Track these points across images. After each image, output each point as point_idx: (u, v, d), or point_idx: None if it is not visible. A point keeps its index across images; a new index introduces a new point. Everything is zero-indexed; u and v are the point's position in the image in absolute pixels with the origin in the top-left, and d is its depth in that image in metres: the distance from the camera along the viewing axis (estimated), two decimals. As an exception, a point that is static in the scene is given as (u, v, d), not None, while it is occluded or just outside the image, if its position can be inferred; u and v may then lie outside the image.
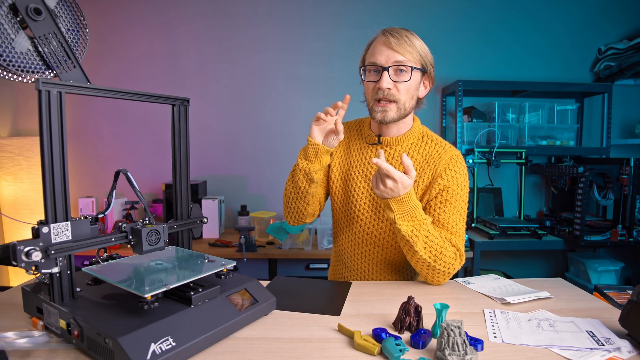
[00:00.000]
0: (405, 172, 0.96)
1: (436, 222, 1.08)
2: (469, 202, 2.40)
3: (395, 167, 1.10)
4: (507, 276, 1.47)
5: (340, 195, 1.21)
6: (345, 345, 0.75)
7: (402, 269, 1.20)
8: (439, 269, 1.03)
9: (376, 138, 1.15)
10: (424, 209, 1.10)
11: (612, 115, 2.48)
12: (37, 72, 0.77)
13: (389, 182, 0.95)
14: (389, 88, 1.03)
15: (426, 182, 1.10)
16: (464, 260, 1.07)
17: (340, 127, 1.06)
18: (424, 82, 1.11)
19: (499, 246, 2.13)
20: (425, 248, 1.01)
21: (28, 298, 0.81)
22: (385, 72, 1.02)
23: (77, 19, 0.85)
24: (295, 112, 2.62)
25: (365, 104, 1.17)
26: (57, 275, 0.72)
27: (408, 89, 1.06)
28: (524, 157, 2.34)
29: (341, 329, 0.80)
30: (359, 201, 1.16)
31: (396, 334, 0.79)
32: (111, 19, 2.54)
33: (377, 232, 1.16)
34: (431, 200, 1.09)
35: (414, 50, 1.03)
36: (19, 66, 0.74)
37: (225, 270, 0.83)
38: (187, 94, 0.98)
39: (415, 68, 1.04)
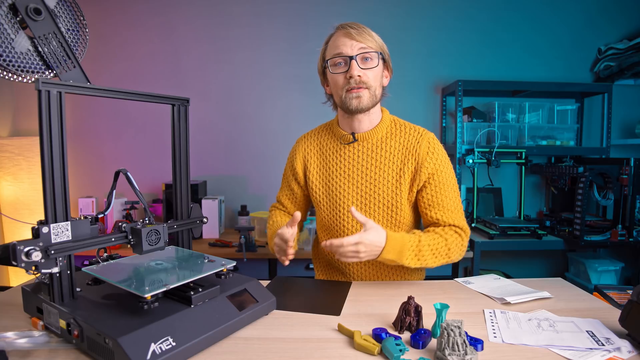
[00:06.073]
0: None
1: (434, 204, 1.10)
2: (469, 202, 2.44)
3: (371, 159, 1.13)
4: (507, 276, 1.46)
5: (325, 201, 1.19)
6: (345, 345, 0.75)
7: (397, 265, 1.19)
8: (455, 257, 1.10)
9: (351, 137, 1.15)
10: (417, 192, 1.12)
11: (612, 115, 2.47)
12: (37, 72, 0.77)
13: (360, 247, 0.95)
14: (359, 75, 1.04)
15: (411, 169, 1.11)
16: (469, 233, 1.11)
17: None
18: (384, 72, 1.13)
19: (499, 246, 2.13)
20: (436, 258, 1.04)
21: (28, 298, 0.81)
22: (354, 61, 1.04)
23: (77, 19, 0.85)
24: (295, 111, 2.62)
25: (329, 103, 1.21)
26: (57, 275, 0.72)
27: (376, 75, 1.08)
28: (524, 157, 2.34)
29: (341, 329, 0.80)
30: (346, 202, 1.15)
31: (396, 334, 0.79)
32: (111, 19, 2.54)
33: None
34: (422, 187, 1.12)
35: (373, 38, 1.07)
36: (19, 66, 0.74)
37: (225, 270, 0.84)
38: (187, 94, 0.98)
39: (379, 53, 1.07)
